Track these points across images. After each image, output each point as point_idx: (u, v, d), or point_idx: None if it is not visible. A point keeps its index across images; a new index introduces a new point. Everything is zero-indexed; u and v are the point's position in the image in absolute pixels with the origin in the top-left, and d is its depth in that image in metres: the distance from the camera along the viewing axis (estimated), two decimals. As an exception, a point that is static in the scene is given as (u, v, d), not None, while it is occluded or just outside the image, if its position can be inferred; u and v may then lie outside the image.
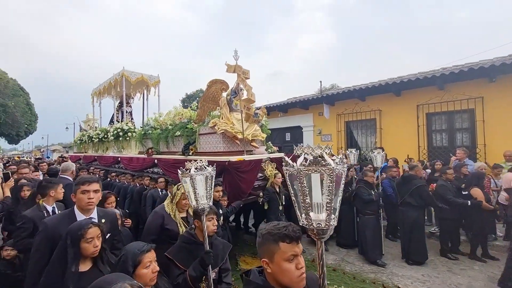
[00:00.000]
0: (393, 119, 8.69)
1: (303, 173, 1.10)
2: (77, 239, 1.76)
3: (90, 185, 2.25)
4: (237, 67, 4.57)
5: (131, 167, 6.63)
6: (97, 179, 2.38)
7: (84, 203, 2.23)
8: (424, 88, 7.93)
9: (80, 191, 2.23)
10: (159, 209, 2.94)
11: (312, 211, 1.11)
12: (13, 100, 26.95)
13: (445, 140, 7.92)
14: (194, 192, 2.06)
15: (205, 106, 5.13)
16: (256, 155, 4.95)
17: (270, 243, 1.24)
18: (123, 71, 8.30)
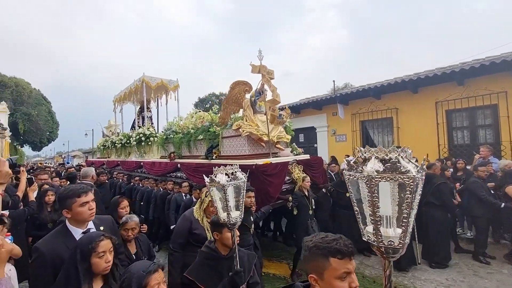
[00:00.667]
0: (411, 117, 8.22)
1: (375, 181, 0.90)
2: (88, 253, 1.54)
3: (87, 195, 1.93)
4: (261, 67, 4.35)
5: (154, 171, 6.47)
6: (90, 187, 2.10)
7: (87, 216, 1.92)
8: (443, 84, 7.46)
9: (78, 204, 1.87)
10: (188, 214, 2.84)
11: (383, 226, 0.93)
12: (36, 109, 27.54)
13: (467, 137, 7.43)
14: (226, 204, 1.77)
15: (228, 108, 4.92)
16: (282, 157, 4.71)
17: (318, 258, 1.08)
18: (144, 77, 8.20)
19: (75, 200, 1.86)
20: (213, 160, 5.01)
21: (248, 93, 4.83)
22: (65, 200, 1.87)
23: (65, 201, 1.87)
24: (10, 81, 27.18)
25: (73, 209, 1.86)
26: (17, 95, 26.70)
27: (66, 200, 1.87)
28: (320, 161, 5.18)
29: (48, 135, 29.74)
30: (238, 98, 4.85)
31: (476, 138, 7.22)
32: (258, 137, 4.54)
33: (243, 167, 4.30)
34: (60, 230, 1.92)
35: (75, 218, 1.89)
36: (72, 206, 1.85)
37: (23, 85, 27.60)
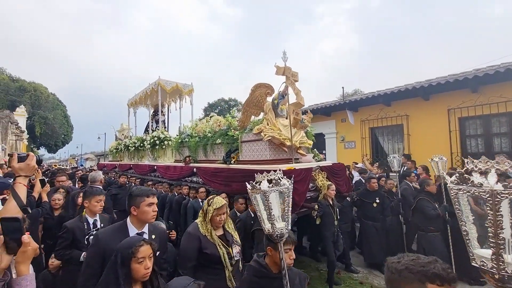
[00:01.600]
0: (422, 125, 7.75)
1: (500, 198, 0.77)
2: (128, 258, 1.50)
3: (154, 197, 2.06)
4: (286, 68, 3.98)
5: (168, 175, 6.10)
6: (156, 191, 2.27)
7: (150, 216, 2.00)
8: (455, 91, 6.98)
9: (146, 204, 1.98)
10: (193, 230, 2.34)
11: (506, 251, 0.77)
12: (53, 113, 27.61)
13: (481, 146, 6.91)
14: (269, 213, 1.53)
15: (248, 112, 4.55)
16: (305, 163, 4.30)
17: (411, 282, 0.94)
18: (159, 80, 7.92)
19: (144, 199, 1.96)
20: (231, 165, 4.63)
21: (270, 96, 4.46)
22: (136, 198, 1.97)
23: (136, 198, 1.97)
24: (30, 86, 27.35)
25: (141, 207, 1.96)
26: (35, 99, 26.82)
27: (137, 198, 1.97)
28: (344, 168, 4.76)
29: (63, 138, 29.77)
30: (259, 101, 4.48)
31: (491, 146, 6.73)
32: (280, 141, 4.15)
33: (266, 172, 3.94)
34: (120, 226, 2.02)
35: (139, 217, 1.98)
36: (141, 204, 1.95)
37: (41, 90, 27.74)
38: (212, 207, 2.30)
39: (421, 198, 4.06)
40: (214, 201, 2.32)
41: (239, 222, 3.71)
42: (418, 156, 7.08)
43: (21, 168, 1.53)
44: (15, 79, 27.65)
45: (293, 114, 4.06)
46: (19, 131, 21.94)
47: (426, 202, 3.99)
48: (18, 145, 21.99)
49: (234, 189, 4.26)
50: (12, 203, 1.46)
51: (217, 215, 2.29)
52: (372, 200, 4.41)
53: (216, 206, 2.28)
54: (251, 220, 3.73)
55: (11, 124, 20.11)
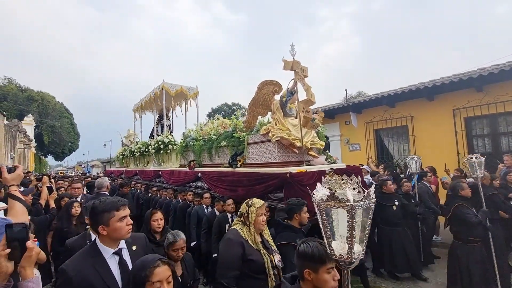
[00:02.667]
0: (427, 125, 7.51)
1: None
2: (140, 282, 1.26)
3: (125, 209, 1.65)
4: (294, 63, 3.70)
5: (172, 181, 5.82)
6: (127, 201, 1.76)
7: (124, 233, 1.61)
8: (460, 91, 6.77)
9: (117, 219, 1.58)
10: (234, 236, 2.12)
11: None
12: (60, 121, 27.76)
13: (488, 145, 6.69)
14: (351, 233, 1.08)
15: (255, 111, 4.27)
16: (316, 165, 3.99)
17: None
18: (163, 84, 7.70)
19: (114, 214, 1.58)
20: (237, 169, 4.34)
21: (278, 94, 4.17)
22: (102, 214, 1.57)
23: (101, 215, 1.57)
24: (37, 95, 27.59)
25: (111, 224, 1.57)
26: (42, 108, 27.01)
27: (103, 214, 1.57)
28: (359, 170, 4.42)
29: (69, 145, 29.90)
30: (266, 99, 4.19)
31: (499, 146, 6.50)
32: (290, 142, 3.84)
33: (275, 175, 3.61)
34: (89, 249, 1.61)
35: (111, 236, 1.59)
36: (110, 221, 1.57)
37: (48, 99, 27.97)
38: (254, 207, 2.17)
39: (459, 205, 3.51)
40: (254, 201, 2.21)
41: None
42: (424, 157, 6.87)
43: (13, 178, 1.64)
44: (24, 89, 27.92)
45: (303, 112, 3.76)
46: (27, 139, 22.04)
47: (465, 208, 3.47)
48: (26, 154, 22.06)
49: (240, 194, 3.96)
50: (19, 205, 1.57)
51: (260, 214, 2.16)
52: (391, 203, 4.06)
53: (258, 205, 2.17)
54: None
55: (19, 133, 20.22)
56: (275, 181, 3.47)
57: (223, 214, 3.93)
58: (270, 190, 3.57)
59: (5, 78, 27.52)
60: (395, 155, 8.49)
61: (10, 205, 1.58)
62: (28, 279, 1.19)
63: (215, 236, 3.75)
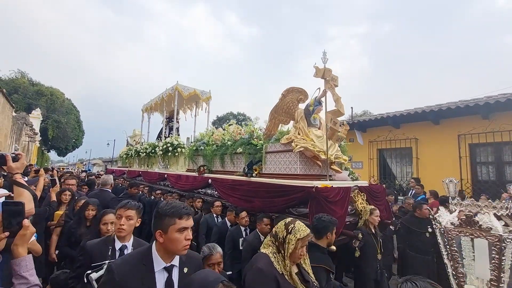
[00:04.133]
0: (431, 149, 7.37)
1: None
2: None
3: (189, 219, 1.41)
4: (326, 71, 3.44)
5: (179, 185, 5.48)
6: (191, 210, 1.48)
7: (181, 247, 1.38)
8: (466, 117, 6.69)
9: (177, 229, 1.36)
10: (266, 266, 1.65)
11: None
12: (66, 117, 27.60)
13: (492, 173, 6.53)
14: (498, 278, 0.86)
15: (277, 119, 3.98)
16: (340, 181, 3.65)
17: None
18: (177, 85, 7.47)
19: (175, 222, 1.37)
20: (253, 178, 4.01)
21: (303, 102, 3.90)
22: (164, 219, 1.38)
23: (163, 219, 1.38)
24: (47, 90, 27.60)
25: (170, 232, 1.36)
26: (51, 103, 26.91)
27: (165, 219, 1.38)
28: (383, 190, 4.08)
29: (73, 142, 29.65)
30: (289, 107, 3.91)
31: (503, 175, 6.35)
32: (313, 154, 3.53)
33: (299, 188, 3.26)
34: (143, 255, 1.43)
35: (166, 246, 1.39)
36: (169, 229, 1.37)
37: (57, 95, 27.95)
38: (294, 236, 1.67)
39: None
40: (297, 227, 1.72)
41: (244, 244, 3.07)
42: (427, 180, 6.80)
43: (17, 167, 1.65)
44: (35, 83, 27.93)
45: (330, 123, 3.47)
46: (33, 133, 21.83)
47: None
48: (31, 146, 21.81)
49: (257, 206, 3.62)
50: (27, 192, 1.59)
51: (300, 247, 1.70)
52: (424, 229, 3.67)
53: (300, 235, 1.68)
54: (259, 242, 3.06)
55: (26, 125, 20.05)
56: (299, 194, 3.13)
57: (236, 227, 3.57)
58: (292, 204, 3.23)
59: (18, 71, 27.62)
60: (398, 176, 8.37)
61: (17, 193, 1.57)
62: (21, 257, 1.19)
63: (229, 251, 3.39)
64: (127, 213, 1.97)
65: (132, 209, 2.01)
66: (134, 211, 2.02)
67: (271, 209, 3.42)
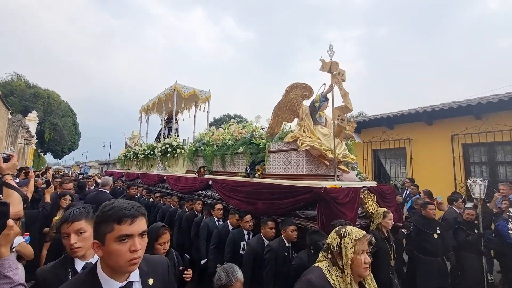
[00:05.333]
0: (425, 149, 7.30)
1: None
2: None
3: (134, 223, 1.02)
4: (333, 64, 3.24)
5: (178, 187, 5.25)
6: (142, 210, 1.09)
7: (125, 261, 0.99)
8: (459, 117, 6.64)
9: (116, 238, 0.99)
10: (316, 278, 1.40)
11: None
12: (62, 120, 27.22)
13: (485, 173, 6.47)
14: None
15: (280, 117, 3.75)
16: (347, 181, 3.44)
17: None
18: (176, 85, 7.22)
19: (112, 228, 1.00)
20: (255, 179, 3.79)
21: (307, 98, 3.69)
22: (101, 225, 1.02)
23: (100, 226, 1.02)
24: (44, 92, 27.25)
25: (108, 244, 0.99)
26: (47, 106, 26.54)
27: (101, 225, 1.02)
28: (393, 191, 3.88)
29: (69, 145, 29.25)
30: (294, 104, 3.70)
31: (496, 175, 6.32)
32: (320, 153, 3.33)
33: (306, 189, 3.03)
34: (87, 279, 1.03)
35: (106, 261, 1.02)
36: (106, 237, 1.00)
37: (54, 97, 27.59)
38: (350, 239, 1.41)
39: None
40: (349, 230, 1.47)
41: (269, 253, 2.81)
42: (421, 180, 6.68)
43: (8, 168, 1.62)
44: (31, 86, 27.54)
45: (337, 120, 3.27)
46: (29, 135, 21.45)
47: None
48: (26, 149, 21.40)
49: (260, 208, 3.40)
50: (16, 194, 1.54)
51: (361, 252, 1.41)
52: (432, 230, 3.48)
53: (356, 236, 1.42)
54: (285, 251, 2.83)
55: (22, 128, 19.67)
56: (306, 196, 2.92)
57: (239, 230, 3.35)
58: (298, 206, 3.01)
59: (14, 74, 27.23)
60: (392, 176, 8.28)
61: (6, 194, 1.52)
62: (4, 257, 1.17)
63: (229, 255, 3.17)
64: (74, 227, 1.51)
65: (79, 220, 1.53)
66: (83, 221, 1.55)
67: (276, 212, 3.20)
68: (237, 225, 3.51)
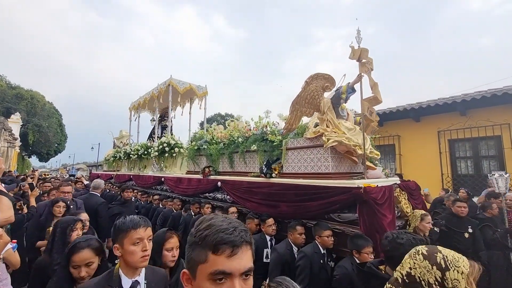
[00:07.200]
0: (413, 145, 7.24)
1: None
2: None
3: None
4: (363, 51, 2.79)
5: (180, 190, 4.63)
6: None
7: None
8: (445, 114, 6.64)
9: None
10: None
11: None
12: (47, 121, 25.48)
13: (470, 168, 6.50)
14: None
15: (299, 111, 3.26)
16: (375, 179, 3.01)
17: None
18: (171, 80, 6.50)
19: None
20: (273, 179, 3.28)
21: (329, 90, 3.22)
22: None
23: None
24: (27, 93, 25.36)
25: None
26: (31, 107, 24.71)
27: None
28: (417, 186, 3.51)
29: (56, 147, 27.42)
30: (314, 97, 3.21)
31: (481, 168, 6.33)
32: (347, 149, 2.87)
33: (342, 190, 2.52)
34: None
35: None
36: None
37: (38, 98, 25.73)
38: (459, 273, 0.94)
39: None
40: (450, 257, 1.00)
41: (303, 260, 2.32)
42: (409, 176, 6.73)
43: None
44: (14, 87, 25.52)
45: (367, 112, 2.83)
46: (12, 138, 19.84)
47: None
48: (10, 152, 19.78)
49: (284, 211, 2.90)
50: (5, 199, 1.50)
51: None
52: (464, 229, 3.12)
53: (465, 267, 0.96)
54: (320, 258, 2.35)
55: (4, 130, 18.12)
56: (342, 197, 2.44)
57: (261, 236, 2.83)
58: (332, 208, 2.53)
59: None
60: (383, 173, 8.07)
61: None
62: None
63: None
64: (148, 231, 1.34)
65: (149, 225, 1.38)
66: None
67: (304, 215, 2.71)
68: (257, 230, 2.98)
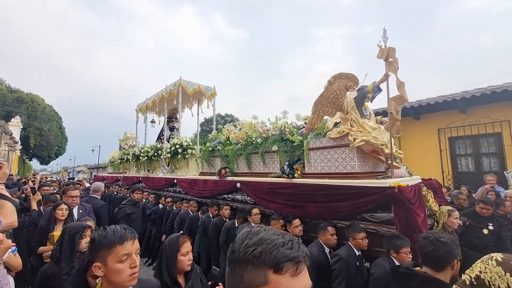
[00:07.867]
0: (413, 143, 7.15)
1: None
2: None
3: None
4: (391, 50, 2.72)
5: (195, 191, 4.52)
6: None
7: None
8: (445, 111, 6.56)
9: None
10: None
11: None
12: (48, 124, 25.14)
13: (471, 165, 6.42)
14: None
15: (321, 110, 3.19)
16: (403, 178, 2.94)
17: None
18: (180, 81, 6.38)
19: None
20: (296, 179, 3.20)
21: (352, 90, 3.15)
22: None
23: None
24: (27, 97, 24.99)
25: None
26: (32, 110, 24.35)
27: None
28: (440, 185, 3.45)
29: (56, 150, 27.05)
30: (336, 96, 3.14)
31: (481, 166, 6.28)
32: (374, 148, 2.81)
33: (374, 190, 2.41)
34: None
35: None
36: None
37: (38, 101, 25.38)
38: None
39: None
40: None
41: (339, 263, 2.24)
42: None
43: None
44: (14, 90, 25.14)
45: (394, 111, 2.77)
46: (13, 141, 19.52)
47: None
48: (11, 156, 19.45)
49: (312, 212, 2.82)
50: (9, 204, 1.46)
51: None
52: (484, 225, 3.07)
53: None
54: (356, 260, 2.27)
55: (5, 134, 17.82)
56: (375, 197, 2.37)
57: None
58: (365, 209, 2.45)
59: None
60: None
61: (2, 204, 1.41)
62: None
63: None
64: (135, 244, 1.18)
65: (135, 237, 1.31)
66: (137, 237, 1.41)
67: (334, 216, 2.63)
68: (287, 231, 2.90)
